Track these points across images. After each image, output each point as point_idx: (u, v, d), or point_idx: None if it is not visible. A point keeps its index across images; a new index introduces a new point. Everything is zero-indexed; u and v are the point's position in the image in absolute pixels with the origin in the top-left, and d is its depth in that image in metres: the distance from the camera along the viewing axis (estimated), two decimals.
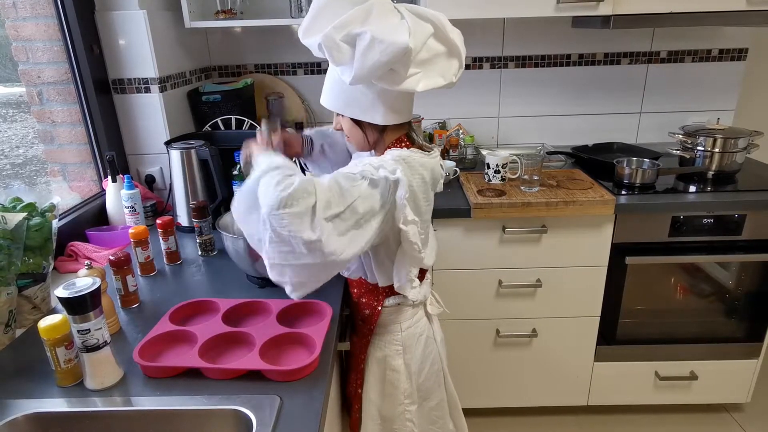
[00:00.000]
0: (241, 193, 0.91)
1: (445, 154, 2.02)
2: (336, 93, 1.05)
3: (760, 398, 2.01)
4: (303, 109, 2.16)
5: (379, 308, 1.14)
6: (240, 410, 0.82)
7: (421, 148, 1.07)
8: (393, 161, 0.97)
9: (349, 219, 0.89)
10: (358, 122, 1.06)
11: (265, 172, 0.88)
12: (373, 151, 1.11)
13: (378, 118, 1.03)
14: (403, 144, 1.07)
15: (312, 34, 0.95)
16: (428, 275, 1.24)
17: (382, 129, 1.06)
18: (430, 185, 1.06)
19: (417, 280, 1.12)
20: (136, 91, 1.66)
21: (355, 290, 1.20)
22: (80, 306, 0.83)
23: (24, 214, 1.04)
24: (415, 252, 1.02)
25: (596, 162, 1.93)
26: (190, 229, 1.52)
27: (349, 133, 1.09)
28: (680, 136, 1.89)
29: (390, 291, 1.14)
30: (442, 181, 1.13)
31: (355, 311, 1.20)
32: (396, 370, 1.16)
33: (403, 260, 1.06)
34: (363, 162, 0.97)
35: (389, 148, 1.06)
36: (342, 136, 1.16)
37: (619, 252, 1.73)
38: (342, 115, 1.08)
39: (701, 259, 1.79)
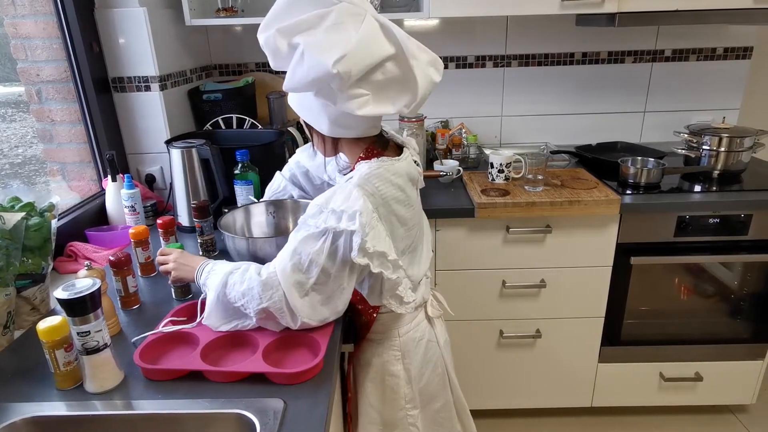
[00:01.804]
0: (210, 314, 0.97)
1: (447, 153, 2.01)
2: (295, 97, 1.02)
3: (765, 400, 2.00)
4: None
5: (375, 315, 1.11)
6: (243, 414, 0.80)
7: (395, 148, 1.05)
8: (358, 195, 0.90)
9: (322, 285, 0.93)
10: (309, 125, 1.04)
11: (223, 285, 0.95)
12: (344, 159, 1.08)
13: (324, 128, 1.00)
14: (374, 153, 1.00)
15: (265, 30, 0.91)
16: (426, 275, 1.17)
17: (334, 139, 1.02)
18: (408, 190, 1.01)
19: (408, 294, 1.03)
20: (136, 89, 1.64)
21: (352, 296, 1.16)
22: (80, 307, 0.81)
23: (23, 214, 1.03)
24: (392, 282, 0.98)
25: (600, 161, 1.92)
26: (191, 229, 1.50)
27: (317, 137, 1.06)
28: (685, 135, 1.87)
29: None
30: (421, 178, 1.12)
31: (354, 316, 1.17)
32: (395, 375, 1.13)
33: (385, 284, 1.00)
34: (328, 204, 0.91)
35: (360, 159, 1.01)
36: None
37: (623, 252, 1.71)
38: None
39: (707, 259, 1.78)
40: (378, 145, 1.03)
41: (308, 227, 0.92)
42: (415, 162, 1.07)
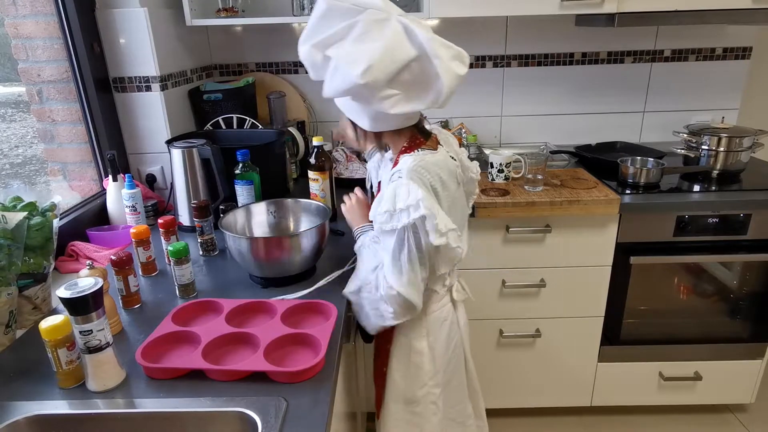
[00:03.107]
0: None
1: None
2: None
3: (764, 399, 2.01)
4: (304, 108, 2.15)
5: None
6: (244, 412, 0.81)
7: (435, 140, 1.13)
8: (414, 186, 0.99)
9: (420, 274, 1.05)
10: (351, 120, 1.12)
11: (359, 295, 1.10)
12: (390, 150, 1.17)
13: (366, 125, 1.08)
14: (417, 142, 1.09)
15: (303, 44, 0.99)
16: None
17: (377, 132, 1.10)
18: (447, 178, 1.08)
19: (447, 278, 1.16)
20: (137, 89, 1.65)
21: None
22: (82, 306, 0.82)
23: (24, 214, 1.03)
24: (457, 253, 1.07)
25: (600, 161, 1.92)
26: (191, 229, 1.50)
27: (343, 131, 1.17)
28: (684, 135, 1.88)
29: None
30: (473, 165, 1.25)
31: None
32: (420, 352, 1.19)
33: (437, 263, 1.10)
34: (395, 206, 0.99)
35: (403, 150, 1.09)
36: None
37: (623, 252, 1.72)
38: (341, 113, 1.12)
39: (706, 259, 1.78)
40: (421, 135, 1.11)
41: (390, 234, 1.01)
42: (451, 157, 1.14)
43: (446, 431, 1.27)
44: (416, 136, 1.10)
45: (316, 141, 1.48)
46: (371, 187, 1.39)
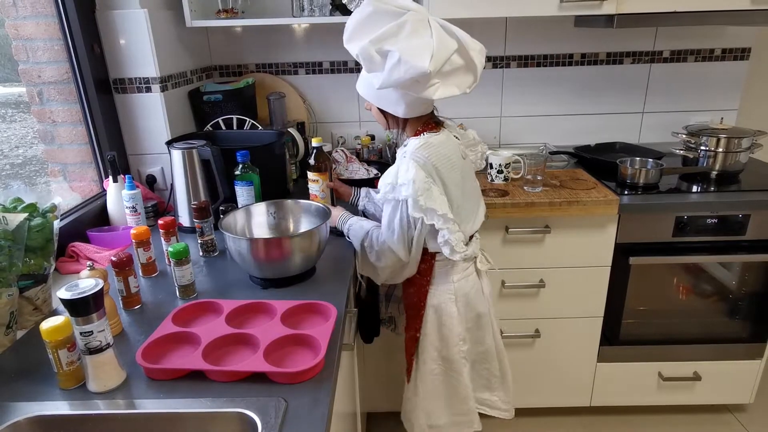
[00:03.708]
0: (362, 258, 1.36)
1: None
2: (370, 87, 1.22)
3: (763, 399, 2.01)
4: (304, 109, 2.15)
5: (433, 261, 1.35)
6: (244, 413, 0.81)
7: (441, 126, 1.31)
8: (412, 166, 1.18)
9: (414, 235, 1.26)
10: (383, 111, 1.29)
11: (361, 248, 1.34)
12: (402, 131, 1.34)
13: (400, 112, 1.24)
14: (429, 127, 1.27)
15: (353, 41, 1.13)
16: (477, 235, 1.42)
17: (404, 119, 1.28)
18: (453, 157, 1.26)
19: (460, 245, 1.27)
20: (137, 90, 1.65)
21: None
22: (83, 307, 0.82)
23: (25, 215, 1.03)
24: (448, 237, 1.24)
25: (599, 162, 1.92)
26: (191, 230, 1.51)
27: (376, 117, 1.35)
28: (683, 136, 1.88)
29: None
30: (479, 146, 1.46)
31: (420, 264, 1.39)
32: (450, 315, 1.35)
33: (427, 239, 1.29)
34: (397, 180, 1.20)
35: (417, 133, 1.28)
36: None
37: (622, 252, 1.72)
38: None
39: (705, 260, 1.78)
40: (433, 121, 1.30)
41: (390, 201, 1.24)
42: (455, 137, 1.33)
43: (474, 383, 1.44)
44: (428, 122, 1.28)
45: (315, 142, 1.49)
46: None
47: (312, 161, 1.50)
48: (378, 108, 1.30)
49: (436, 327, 1.37)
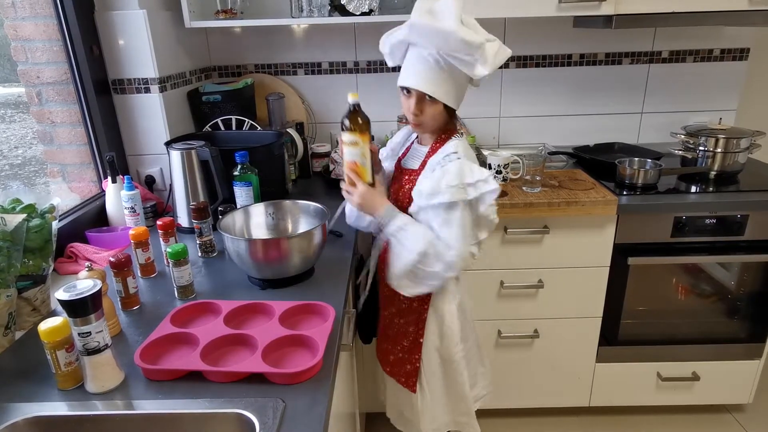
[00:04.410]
0: (401, 276, 1.22)
1: None
2: (438, 81, 1.16)
3: (762, 399, 2.01)
4: (303, 110, 2.15)
5: None
6: (242, 414, 0.81)
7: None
8: (473, 165, 1.19)
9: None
10: (445, 107, 1.20)
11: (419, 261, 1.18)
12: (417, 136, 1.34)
13: (457, 104, 1.23)
14: (455, 128, 1.28)
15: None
16: None
17: (452, 115, 1.26)
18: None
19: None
20: (135, 91, 1.65)
21: None
22: (81, 308, 0.82)
23: (24, 216, 1.03)
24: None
25: (598, 162, 1.92)
26: (190, 230, 1.51)
27: (432, 117, 1.21)
28: (682, 136, 1.88)
29: None
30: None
31: None
32: (453, 314, 1.34)
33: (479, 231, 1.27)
34: (464, 181, 1.16)
35: (445, 138, 1.26)
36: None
37: (621, 252, 1.72)
38: (429, 101, 1.18)
39: (704, 260, 1.79)
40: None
41: (458, 206, 1.16)
42: None
43: (473, 379, 1.45)
44: (455, 123, 1.29)
45: (351, 98, 1.18)
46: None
47: (347, 122, 1.18)
48: (444, 107, 1.20)
49: (438, 327, 1.36)
